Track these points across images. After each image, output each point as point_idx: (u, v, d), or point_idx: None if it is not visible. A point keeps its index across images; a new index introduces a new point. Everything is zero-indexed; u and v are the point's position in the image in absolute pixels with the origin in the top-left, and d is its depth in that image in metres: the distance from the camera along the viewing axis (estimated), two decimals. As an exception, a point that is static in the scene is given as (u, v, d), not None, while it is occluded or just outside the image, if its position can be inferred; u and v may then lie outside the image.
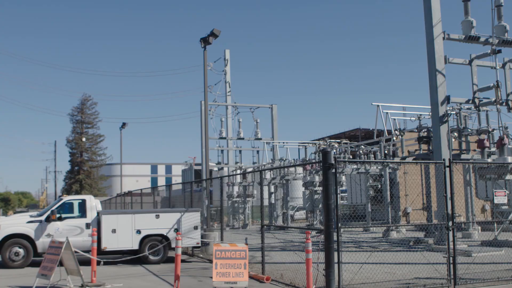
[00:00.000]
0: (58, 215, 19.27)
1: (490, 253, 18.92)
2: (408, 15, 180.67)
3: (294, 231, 32.78)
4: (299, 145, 47.55)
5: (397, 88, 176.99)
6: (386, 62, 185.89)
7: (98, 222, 19.58)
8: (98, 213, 19.86)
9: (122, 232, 19.59)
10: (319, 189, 33.71)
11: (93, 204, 19.97)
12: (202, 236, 21.07)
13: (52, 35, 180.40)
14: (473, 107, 24.45)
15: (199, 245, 20.82)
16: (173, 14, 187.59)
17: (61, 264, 14.18)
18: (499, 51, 23.17)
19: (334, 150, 40.18)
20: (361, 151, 37.54)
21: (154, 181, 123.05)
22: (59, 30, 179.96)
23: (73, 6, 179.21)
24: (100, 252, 18.78)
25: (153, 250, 19.59)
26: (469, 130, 28.08)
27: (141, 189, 37.53)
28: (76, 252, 14.31)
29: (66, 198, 20.57)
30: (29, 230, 19.06)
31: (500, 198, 19.21)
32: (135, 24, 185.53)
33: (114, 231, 19.51)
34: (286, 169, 41.20)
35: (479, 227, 27.57)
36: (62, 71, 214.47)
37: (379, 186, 34.05)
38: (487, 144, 23.45)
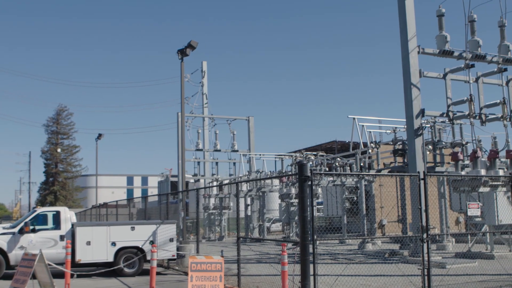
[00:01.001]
0: (31, 227, 19.04)
1: (464, 264, 19.11)
2: (384, 27, 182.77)
3: (270, 243, 32.76)
4: (275, 157, 47.63)
5: (373, 100, 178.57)
6: (362, 74, 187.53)
7: (72, 234, 19.37)
8: (72, 225, 19.66)
9: (96, 244, 19.39)
10: (295, 201, 33.81)
11: (68, 215, 19.77)
12: (178, 248, 20.96)
13: (27, 45, 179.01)
14: (447, 120, 24.72)
15: (175, 257, 20.70)
16: (150, 25, 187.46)
17: (34, 277, 13.99)
18: (473, 66, 23.52)
19: (311, 163, 40.38)
20: (337, 164, 37.72)
21: (130, 192, 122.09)
22: (35, 39, 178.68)
23: (49, 16, 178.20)
24: (74, 264, 18.57)
25: (128, 263, 19.43)
26: (444, 143, 28.40)
27: (116, 201, 37.22)
28: (49, 264, 14.14)
29: (40, 209, 20.34)
30: (2, 242, 18.76)
31: (474, 210, 19.42)
32: (111, 35, 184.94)
33: (88, 243, 19.31)
34: (262, 181, 41.22)
35: (453, 239, 27.85)
36: (37, 81, 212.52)
37: (355, 198, 34.21)
38: (461, 157, 23.72)
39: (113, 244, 19.60)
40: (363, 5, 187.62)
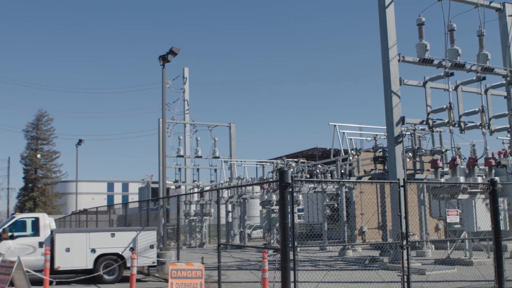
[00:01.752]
0: (10, 234, 18.83)
1: (443, 271, 19.25)
2: (365, 34, 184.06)
3: (251, 250, 32.75)
4: (257, 164, 47.69)
5: (354, 107, 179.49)
6: (343, 81, 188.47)
7: (51, 241, 19.18)
8: (52, 231, 19.47)
9: (76, 251, 19.23)
10: (276, 208, 33.84)
11: (47, 222, 19.59)
12: (158, 255, 20.86)
13: (6, 50, 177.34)
14: (427, 128, 24.97)
15: (155, 264, 20.59)
16: (132, 30, 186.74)
17: (12, 284, 13.85)
18: (452, 74, 23.78)
19: (292, 169, 40.44)
20: (318, 170, 37.83)
21: (110, 199, 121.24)
22: (14, 44, 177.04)
23: (28, 21, 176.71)
24: (53, 271, 18.39)
25: (108, 270, 19.29)
26: (423, 150, 28.66)
27: (96, 207, 36.98)
28: (28, 271, 14.00)
29: (19, 216, 20.14)
30: (-21, 249, 18.54)
31: (453, 217, 19.60)
32: (93, 40, 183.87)
33: (68, 250, 19.14)
34: (243, 188, 41.22)
35: (433, 246, 28.05)
36: (17, 86, 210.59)
37: (336, 205, 34.33)
38: (440, 164, 23.94)
39: (93, 251, 19.45)
40: (344, 11, 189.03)
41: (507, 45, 26.30)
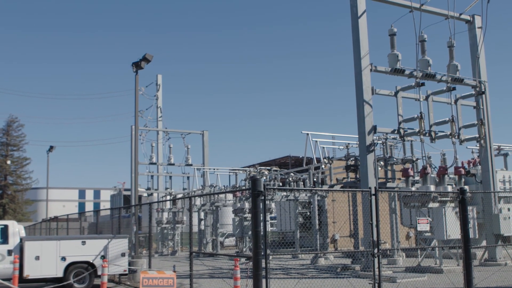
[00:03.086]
0: (-22, 241, 18.52)
1: (414, 279, 19.44)
2: (337, 41, 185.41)
3: (224, 258, 32.68)
4: (229, 172, 47.68)
5: (326, 115, 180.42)
6: (316, 88, 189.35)
7: (20, 249, 18.90)
8: (21, 239, 19.19)
9: (46, 259, 18.97)
10: (249, 215, 33.83)
11: (16, 229, 19.30)
12: (130, 263, 20.70)
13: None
14: (398, 137, 25.21)
15: (126, 272, 20.41)
16: (104, 37, 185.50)
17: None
18: (423, 84, 24.09)
19: (264, 177, 40.53)
20: (290, 179, 37.97)
21: (81, 206, 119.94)
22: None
23: (1, 27, 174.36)
24: (22, 280, 18.15)
25: (79, 278, 19.07)
26: (395, 159, 28.98)
27: (67, 215, 36.61)
28: (-4, 280, 13.79)
29: (-13, 223, 19.81)
30: None
31: (423, 225, 19.80)
32: (65, 46, 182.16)
33: (37, 258, 18.87)
34: (216, 196, 41.17)
35: (404, 254, 28.29)
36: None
37: (308, 213, 34.49)
38: (411, 173, 24.20)
39: (63, 259, 19.21)
40: (318, 19, 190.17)
41: (477, 56, 26.76)
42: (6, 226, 19.34)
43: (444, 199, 21.75)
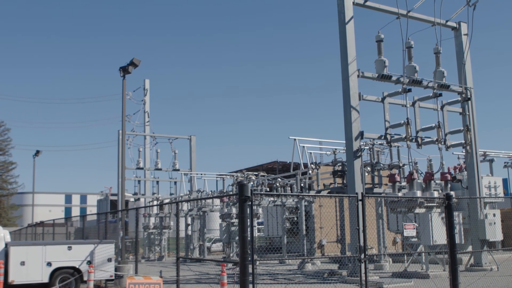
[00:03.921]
0: (-38, 247, 18.37)
1: (400, 284, 19.51)
2: (325, 47, 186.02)
3: (210, 264, 32.60)
4: (217, 177, 47.58)
5: (314, 120, 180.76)
6: (303, 93, 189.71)
7: (5, 254, 18.75)
8: (6, 244, 19.05)
9: (31, 265, 18.83)
10: (236, 221, 33.79)
11: (1, 235, 19.15)
12: (116, 269, 20.60)
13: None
14: (385, 142, 25.31)
15: (113, 277, 20.30)
16: (92, 41, 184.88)
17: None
18: (409, 90, 24.24)
19: (252, 183, 40.50)
20: (278, 184, 37.99)
21: (68, 211, 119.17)
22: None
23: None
24: (7, 285, 18.01)
25: (64, 283, 18.95)
26: (382, 165, 29.09)
27: (53, 220, 36.37)
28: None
29: (-28, 228, 19.66)
30: None
31: (409, 231, 19.89)
32: (52, 50, 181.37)
33: (23, 263, 18.74)
34: (203, 201, 41.05)
35: (390, 259, 28.39)
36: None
37: (295, 218, 34.51)
38: (398, 178, 24.30)
39: (49, 264, 19.08)
40: (306, 24, 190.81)
41: (463, 63, 26.97)
42: (-9, 231, 19.20)
43: (430, 204, 21.87)
